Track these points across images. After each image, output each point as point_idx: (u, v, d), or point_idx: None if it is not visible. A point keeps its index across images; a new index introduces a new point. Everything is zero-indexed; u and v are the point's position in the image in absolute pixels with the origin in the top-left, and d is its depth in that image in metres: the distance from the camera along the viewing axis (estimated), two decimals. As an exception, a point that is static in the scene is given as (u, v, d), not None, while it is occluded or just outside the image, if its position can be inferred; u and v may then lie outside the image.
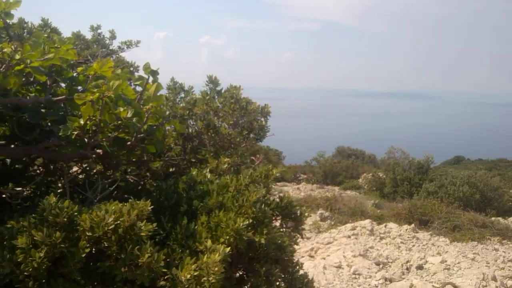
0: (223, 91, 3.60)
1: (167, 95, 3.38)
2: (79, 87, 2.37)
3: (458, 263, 6.86)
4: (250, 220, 2.17)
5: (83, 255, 1.66)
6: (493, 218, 10.81)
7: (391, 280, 6.22)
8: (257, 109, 3.65)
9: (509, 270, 7.40)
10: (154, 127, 2.35)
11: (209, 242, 1.90)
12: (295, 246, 2.83)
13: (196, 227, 2.06)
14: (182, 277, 1.70)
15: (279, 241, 2.41)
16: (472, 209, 11.82)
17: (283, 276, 2.58)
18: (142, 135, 2.26)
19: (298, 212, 2.85)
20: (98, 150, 2.22)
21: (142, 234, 1.73)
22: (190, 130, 3.20)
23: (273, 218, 2.67)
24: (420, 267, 6.69)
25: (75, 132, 2.07)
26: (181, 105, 3.21)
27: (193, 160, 3.04)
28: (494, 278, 6.01)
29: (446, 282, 5.90)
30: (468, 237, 9.19)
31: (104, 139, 2.14)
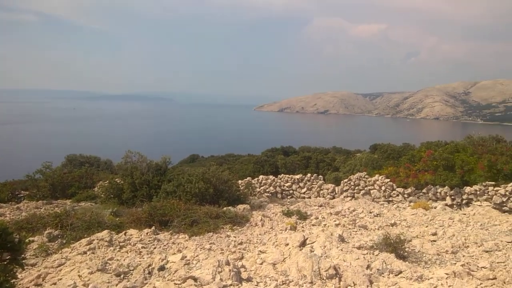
0: None
1: None
2: None
3: (197, 256, 7.56)
4: None
5: None
6: (225, 208, 12.48)
7: (132, 289, 6.31)
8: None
9: (239, 252, 8.72)
10: None
11: None
12: (14, 280, 2.51)
13: None
14: None
15: (-10, 280, 2.08)
16: (208, 202, 13.29)
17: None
18: None
19: (17, 239, 2.54)
20: None
21: None
22: None
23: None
24: (162, 268, 7.01)
25: None
26: None
27: None
28: (228, 263, 6.92)
29: (186, 277, 6.39)
30: (204, 229, 10.30)
31: None
